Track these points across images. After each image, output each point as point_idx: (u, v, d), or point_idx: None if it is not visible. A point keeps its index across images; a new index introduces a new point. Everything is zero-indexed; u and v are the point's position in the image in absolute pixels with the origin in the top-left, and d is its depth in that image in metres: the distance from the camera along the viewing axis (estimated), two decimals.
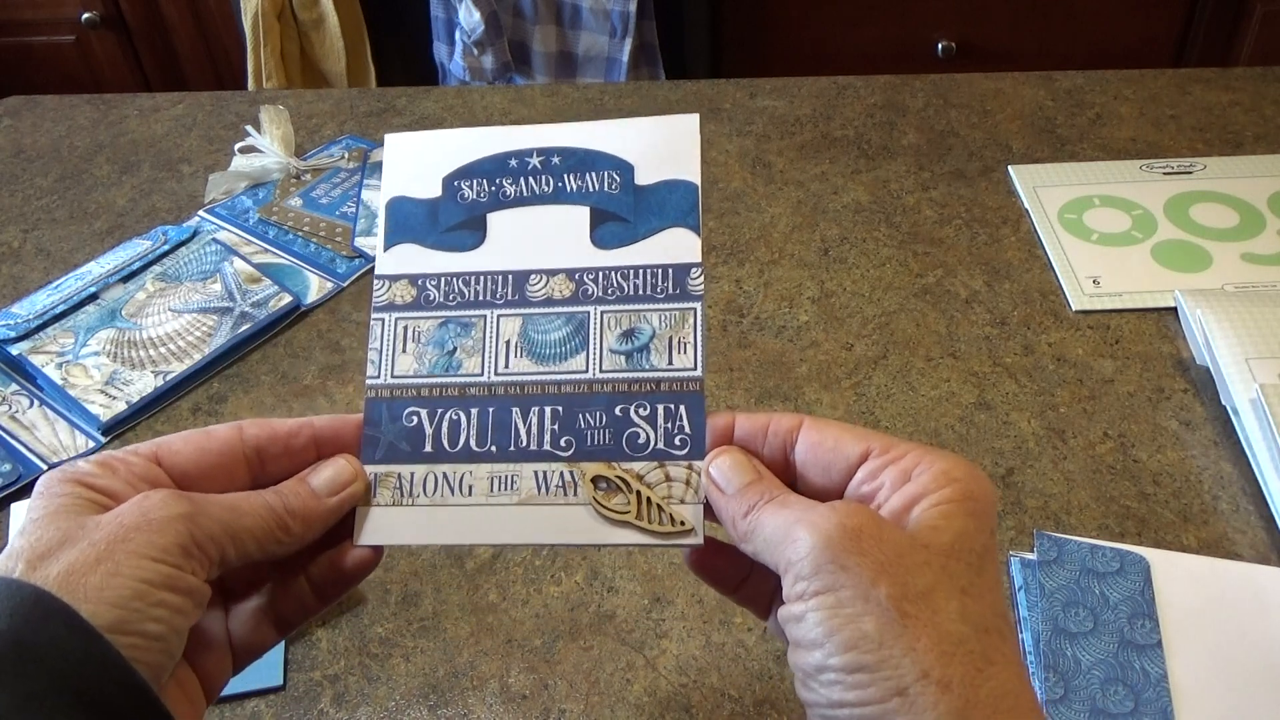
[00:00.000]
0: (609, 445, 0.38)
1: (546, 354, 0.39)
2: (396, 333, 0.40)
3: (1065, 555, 0.54)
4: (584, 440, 0.38)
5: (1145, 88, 0.95)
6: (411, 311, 0.40)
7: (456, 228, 0.41)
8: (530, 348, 0.39)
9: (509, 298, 0.40)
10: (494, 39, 1.52)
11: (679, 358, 0.38)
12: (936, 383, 0.67)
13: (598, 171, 0.41)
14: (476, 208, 0.41)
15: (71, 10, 1.72)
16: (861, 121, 0.93)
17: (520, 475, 0.38)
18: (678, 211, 0.41)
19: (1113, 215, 0.80)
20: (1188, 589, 0.53)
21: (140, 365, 0.71)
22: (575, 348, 0.39)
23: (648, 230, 0.40)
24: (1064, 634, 0.51)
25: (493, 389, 0.39)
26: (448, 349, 0.40)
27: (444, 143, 0.43)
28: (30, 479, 0.64)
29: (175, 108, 1.00)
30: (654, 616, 0.55)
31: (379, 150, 0.92)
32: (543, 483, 0.38)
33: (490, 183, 0.41)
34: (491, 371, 0.39)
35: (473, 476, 0.38)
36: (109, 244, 0.83)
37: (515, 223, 0.41)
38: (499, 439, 0.38)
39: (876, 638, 0.29)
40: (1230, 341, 0.63)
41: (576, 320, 0.39)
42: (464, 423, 0.38)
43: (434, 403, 0.39)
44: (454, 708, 0.52)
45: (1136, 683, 0.48)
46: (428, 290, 0.41)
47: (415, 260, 0.41)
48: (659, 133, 0.42)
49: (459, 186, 0.41)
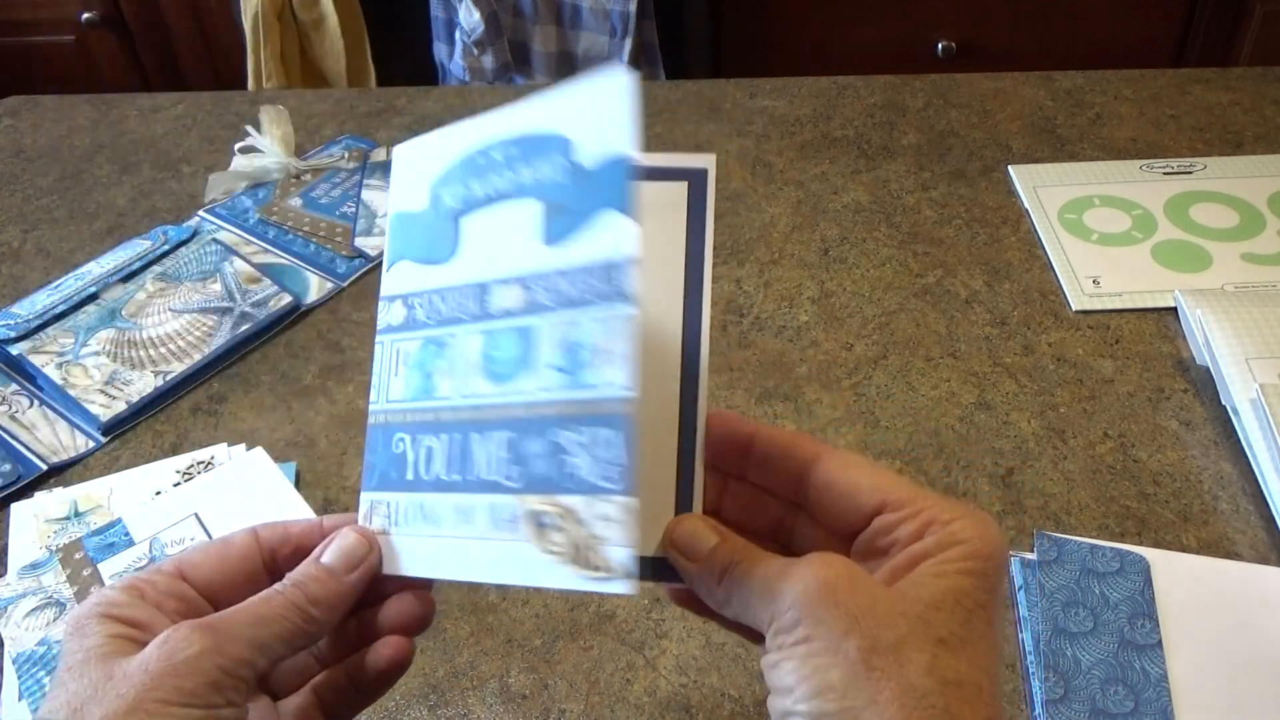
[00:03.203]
0: (550, 476, 0.33)
1: (501, 373, 0.35)
2: (391, 355, 0.39)
3: (1065, 555, 0.54)
4: (530, 470, 0.34)
5: (1145, 88, 0.95)
6: (402, 332, 0.38)
7: (439, 238, 0.38)
8: (489, 367, 0.35)
9: (475, 312, 0.36)
10: (494, 39, 1.52)
11: (611, 373, 0.32)
12: (936, 383, 0.67)
13: (543, 156, 0.35)
14: (453, 214, 0.38)
15: (71, 10, 1.72)
16: (861, 121, 0.93)
17: (477, 508, 0.35)
18: (611, 192, 0.33)
19: (1113, 215, 0.80)
20: (1188, 589, 0.53)
21: (140, 365, 0.71)
22: (523, 365, 0.34)
23: (587, 217, 0.33)
24: (1064, 634, 0.51)
25: (459, 413, 0.36)
26: (426, 371, 0.37)
27: (431, 146, 0.40)
28: (30, 479, 0.64)
29: (175, 108, 1.00)
30: (654, 616, 0.55)
31: (379, 150, 0.92)
32: (494, 517, 0.35)
33: (463, 185, 0.38)
34: (459, 394, 0.36)
35: (441, 508, 0.36)
36: (109, 244, 0.83)
37: (482, 226, 0.37)
38: (462, 468, 0.36)
39: (841, 688, 0.29)
40: (1230, 341, 0.63)
41: (526, 334, 0.35)
42: (435, 450, 0.36)
43: (414, 428, 0.37)
44: (454, 708, 0.52)
45: (1136, 683, 0.48)
46: (414, 308, 0.38)
47: (408, 278, 0.39)
48: (591, 100, 0.34)
49: (440, 194, 0.38)
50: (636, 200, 0.32)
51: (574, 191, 0.34)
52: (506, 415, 0.35)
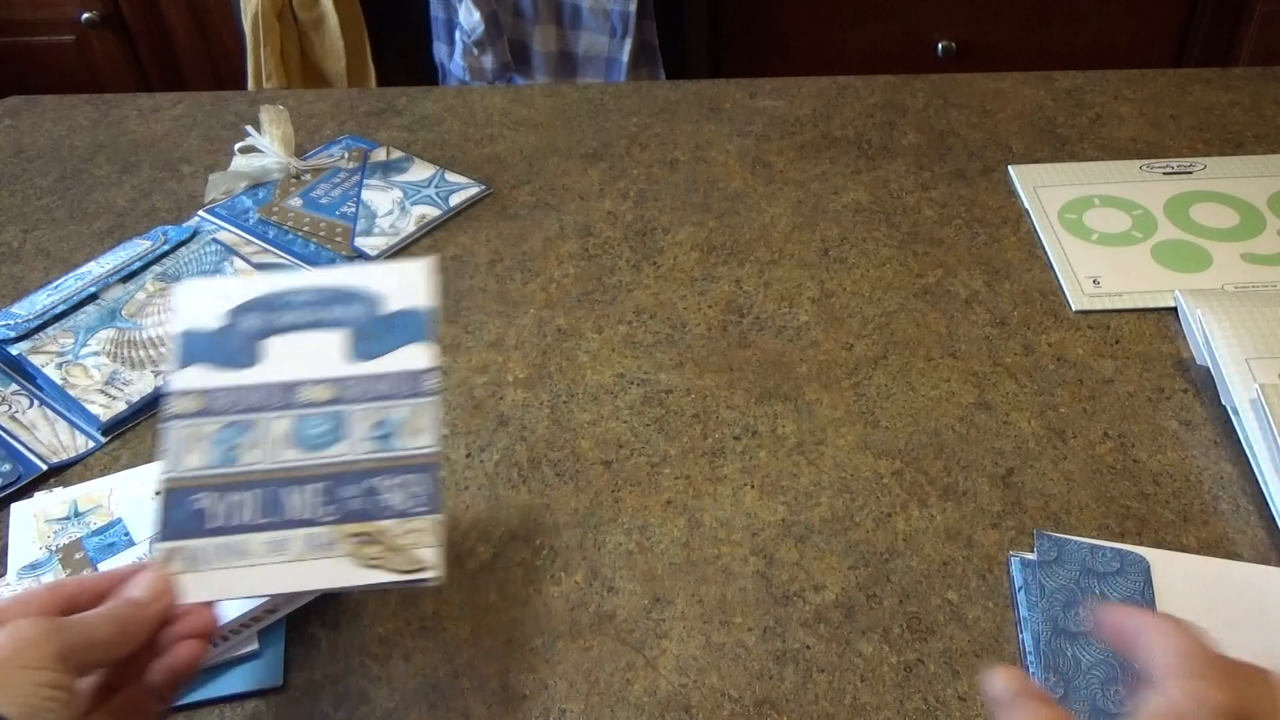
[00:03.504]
0: (366, 509, 0.46)
1: (313, 444, 0.48)
2: (185, 436, 0.48)
3: (1065, 555, 0.54)
4: (344, 507, 0.46)
5: (1145, 88, 0.95)
6: (199, 418, 0.48)
7: (238, 351, 0.50)
8: (300, 440, 0.48)
9: (281, 403, 0.49)
10: (494, 39, 1.53)
11: (419, 439, 0.48)
12: (936, 383, 0.67)
13: (354, 303, 0.51)
14: (255, 334, 0.50)
15: (71, 10, 1.72)
16: (861, 121, 0.93)
17: (291, 539, 0.46)
18: (416, 331, 0.50)
19: (1113, 215, 0.80)
20: (1188, 589, 0.53)
21: (140, 365, 0.71)
22: (337, 438, 0.48)
23: (392, 346, 0.50)
24: (1064, 634, 0.51)
25: (270, 473, 0.47)
26: (228, 445, 0.48)
27: (228, 288, 0.52)
28: (30, 479, 0.64)
29: (175, 108, 1.00)
30: (654, 616, 0.55)
31: (379, 150, 0.92)
32: (310, 544, 0.46)
33: (267, 314, 0.51)
34: (269, 461, 0.47)
35: (252, 543, 0.46)
36: (109, 244, 0.83)
37: (287, 344, 0.50)
38: (274, 512, 0.46)
39: None
40: (1230, 341, 0.63)
41: (338, 417, 0.48)
42: (244, 502, 0.46)
43: (218, 489, 0.47)
44: (454, 708, 0.52)
45: (1136, 684, 0.48)
46: (214, 400, 0.49)
47: (203, 378, 0.49)
48: (399, 274, 0.52)
49: (240, 318, 0.51)
50: (436, 330, 0.50)
51: (380, 327, 0.50)
52: (321, 472, 0.47)
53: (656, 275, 0.77)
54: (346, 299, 0.51)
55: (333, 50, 1.65)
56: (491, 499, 0.62)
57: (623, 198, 0.85)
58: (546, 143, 0.92)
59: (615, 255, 0.79)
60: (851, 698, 0.51)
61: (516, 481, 0.63)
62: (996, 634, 0.53)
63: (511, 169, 0.89)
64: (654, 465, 0.63)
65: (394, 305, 0.51)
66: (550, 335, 0.73)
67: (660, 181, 0.87)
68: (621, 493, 0.62)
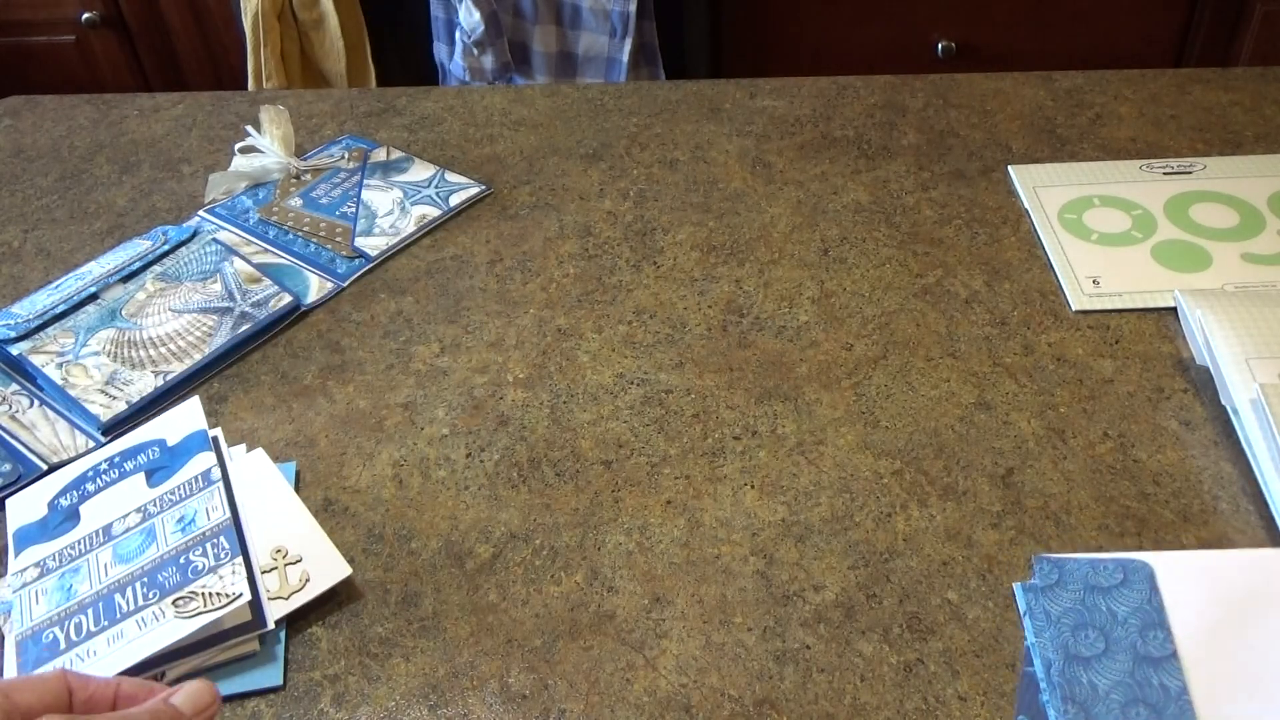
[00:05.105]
0: (182, 580, 0.55)
1: (131, 557, 0.57)
2: (29, 597, 0.57)
3: (1066, 575, 0.53)
4: (164, 586, 0.55)
5: (1145, 88, 0.95)
6: (38, 581, 0.58)
7: (61, 522, 0.60)
8: (121, 558, 0.57)
9: (101, 541, 0.59)
10: (494, 39, 1.52)
11: (214, 515, 0.58)
12: (936, 383, 0.67)
13: (144, 451, 0.64)
14: (71, 508, 0.61)
15: (71, 10, 1.72)
16: (861, 121, 0.93)
17: (126, 628, 0.54)
18: (198, 446, 0.63)
19: (1113, 215, 0.80)
20: (1194, 587, 0.52)
21: (140, 365, 0.71)
22: (150, 544, 0.58)
23: (182, 464, 0.62)
24: (1077, 660, 0.49)
25: (100, 592, 0.56)
26: (65, 586, 0.57)
27: (47, 484, 0.63)
28: (30, 479, 0.64)
29: (175, 108, 1.00)
30: (654, 616, 0.55)
31: (379, 150, 0.92)
32: (142, 624, 0.53)
33: (78, 490, 0.62)
34: (98, 583, 0.56)
35: (95, 643, 0.53)
36: (109, 244, 0.83)
37: (99, 502, 0.61)
38: (110, 616, 0.54)
39: None
40: (1230, 341, 0.63)
41: (148, 530, 0.58)
42: (84, 620, 0.55)
43: (60, 620, 0.55)
44: (454, 708, 0.52)
45: (1157, 700, 0.48)
46: (47, 565, 0.58)
47: (36, 554, 0.59)
48: (176, 415, 0.66)
49: (57, 502, 0.62)
50: (215, 444, 0.63)
51: (168, 458, 0.63)
52: (141, 571, 0.56)
53: (656, 275, 0.77)
54: (137, 451, 0.64)
55: (333, 50, 1.64)
56: (491, 499, 0.62)
57: (623, 198, 0.85)
58: (546, 143, 0.92)
59: (615, 255, 0.79)
60: (851, 697, 0.51)
61: (516, 481, 0.63)
62: (996, 634, 0.53)
63: (511, 169, 0.89)
64: (654, 465, 0.63)
65: (176, 438, 0.64)
66: (550, 335, 0.73)
67: (660, 181, 0.87)
68: (621, 493, 0.62)
